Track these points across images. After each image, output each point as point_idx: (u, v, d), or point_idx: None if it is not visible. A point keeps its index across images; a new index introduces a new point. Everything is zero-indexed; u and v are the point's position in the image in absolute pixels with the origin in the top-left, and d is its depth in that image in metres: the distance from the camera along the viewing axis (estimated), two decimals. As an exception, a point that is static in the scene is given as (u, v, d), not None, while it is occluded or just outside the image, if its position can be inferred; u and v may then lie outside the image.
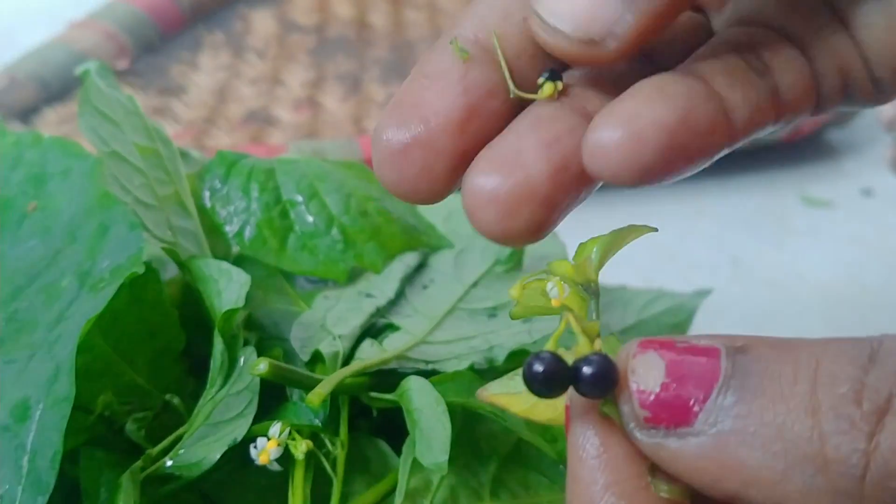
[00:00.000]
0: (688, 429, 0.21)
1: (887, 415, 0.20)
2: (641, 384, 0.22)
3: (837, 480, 0.20)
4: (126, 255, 0.39)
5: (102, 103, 0.44)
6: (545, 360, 0.23)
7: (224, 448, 0.37)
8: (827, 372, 0.21)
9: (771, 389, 0.21)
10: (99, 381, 0.40)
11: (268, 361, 0.36)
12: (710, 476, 0.21)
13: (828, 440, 0.20)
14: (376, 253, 0.48)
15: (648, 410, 0.22)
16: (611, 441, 0.23)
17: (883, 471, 0.20)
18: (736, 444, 0.21)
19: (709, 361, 0.22)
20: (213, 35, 0.95)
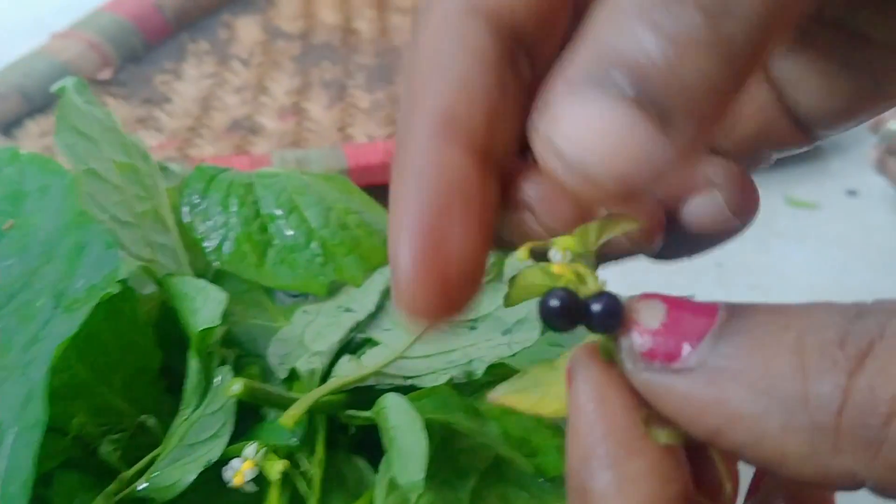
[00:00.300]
0: (680, 365, 0.22)
1: (868, 357, 0.21)
2: (642, 322, 0.23)
3: (816, 416, 0.21)
4: (101, 275, 0.38)
5: (79, 120, 0.44)
6: (559, 295, 0.24)
7: (199, 470, 0.37)
8: (815, 320, 0.22)
9: (762, 334, 0.22)
10: (74, 402, 0.39)
11: (242, 382, 0.36)
12: (697, 411, 0.22)
13: (810, 378, 0.21)
14: (356, 266, 0.48)
15: (645, 345, 0.23)
16: (609, 394, 0.24)
17: (860, 407, 0.20)
18: (723, 381, 0.22)
19: (707, 312, 0.23)
20: (197, 44, 0.95)
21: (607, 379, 0.24)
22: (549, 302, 0.24)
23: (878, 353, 0.21)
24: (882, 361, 0.20)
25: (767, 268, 0.80)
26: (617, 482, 0.23)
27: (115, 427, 0.40)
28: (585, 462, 0.23)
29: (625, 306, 0.24)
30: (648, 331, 0.23)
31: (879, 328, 0.21)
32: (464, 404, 0.41)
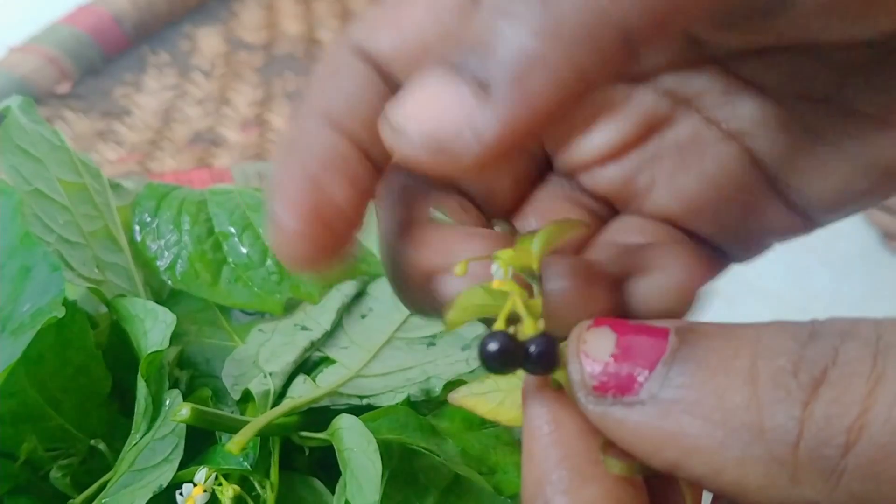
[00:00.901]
0: (633, 397, 0.22)
1: (822, 385, 0.20)
2: (592, 354, 0.23)
3: (773, 447, 0.20)
4: (47, 298, 0.38)
5: (24, 140, 0.43)
6: (498, 339, 0.24)
7: (149, 495, 0.36)
8: (767, 346, 0.21)
9: (714, 362, 0.22)
10: (23, 426, 0.39)
11: (190, 407, 0.36)
12: (653, 444, 0.22)
13: (765, 408, 0.21)
14: (312, 283, 0.48)
15: (596, 379, 0.22)
16: (563, 418, 0.24)
17: (816, 438, 0.20)
18: (677, 413, 0.21)
19: (657, 338, 0.22)
20: (157, 55, 0.94)
21: (561, 403, 0.24)
22: (489, 346, 0.23)
23: (832, 380, 0.20)
24: (837, 390, 0.20)
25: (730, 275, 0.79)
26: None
27: (66, 452, 0.39)
28: (540, 487, 0.23)
29: (571, 339, 0.23)
30: (598, 362, 0.23)
31: (833, 352, 0.21)
32: (421, 423, 0.40)
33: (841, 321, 0.22)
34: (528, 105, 0.22)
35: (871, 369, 0.20)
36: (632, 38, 0.22)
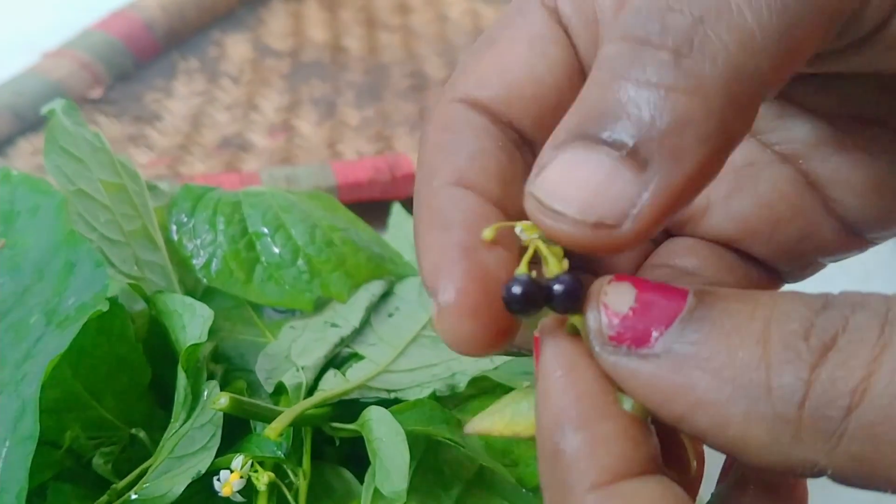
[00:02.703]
0: (647, 350, 0.23)
1: (831, 350, 0.21)
2: (611, 305, 0.23)
3: (778, 406, 0.21)
4: (91, 293, 0.40)
5: (68, 142, 0.45)
6: (522, 282, 0.24)
7: (188, 481, 0.38)
8: (782, 311, 0.22)
9: (728, 322, 0.22)
10: (67, 415, 0.40)
11: (228, 396, 0.37)
12: (662, 396, 0.22)
13: (773, 368, 0.21)
14: (342, 282, 0.49)
15: (613, 329, 0.23)
16: (579, 361, 0.24)
17: (820, 399, 0.21)
18: (689, 368, 0.22)
19: (676, 297, 0.23)
20: (187, 61, 0.95)
21: (577, 347, 0.24)
22: (512, 289, 0.24)
23: (841, 346, 0.21)
24: (844, 355, 0.21)
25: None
26: (589, 442, 0.23)
27: (107, 440, 0.41)
28: (557, 424, 0.23)
29: (587, 285, 0.24)
30: (617, 314, 0.23)
31: (843, 321, 0.21)
32: (446, 416, 0.42)
33: (853, 294, 0.22)
34: (686, 173, 0.22)
35: (878, 337, 0.21)
36: (766, 87, 0.23)
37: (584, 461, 0.23)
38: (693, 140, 0.22)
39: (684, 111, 0.22)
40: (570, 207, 0.23)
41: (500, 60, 0.29)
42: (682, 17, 0.23)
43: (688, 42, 0.23)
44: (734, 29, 0.23)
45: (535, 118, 0.29)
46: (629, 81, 0.23)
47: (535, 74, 0.28)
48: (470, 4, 1.07)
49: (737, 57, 0.23)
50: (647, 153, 0.22)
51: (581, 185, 0.23)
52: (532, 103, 0.28)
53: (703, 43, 0.23)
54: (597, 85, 0.24)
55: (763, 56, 0.23)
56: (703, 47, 0.23)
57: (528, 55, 0.29)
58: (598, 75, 0.24)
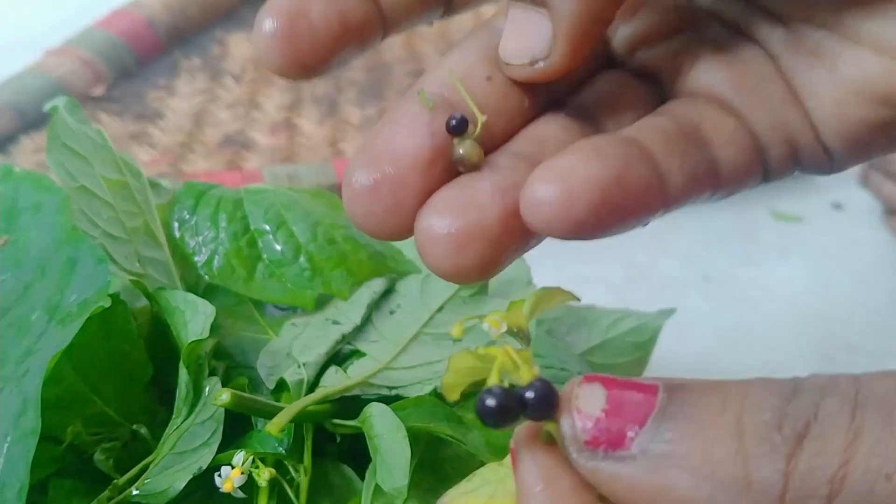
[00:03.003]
0: (624, 452, 0.23)
1: (805, 439, 0.21)
2: (583, 409, 0.23)
3: (759, 500, 0.21)
4: (93, 289, 0.40)
5: (70, 139, 0.45)
6: (494, 393, 0.24)
7: (189, 477, 0.38)
8: (752, 401, 0.22)
9: (701, 417, 0.22)
10: (68, 411, 0.40)
11: (230, 392, 0.37)
12: (643, 498, 0.23)
13: (751, 462, 0.21)
14: (343, 280, 0.49)
15: (588, 434, 0.23)
16: (556, 474, 0.24)
17: (801, 490, 0.21)
18: (667, 468, 0.22)
19: (647, 394, 0.23)
20: (189, 60, 0.96)
21: (554, 459, 0.24)
22: (486, 401, 0.24)
23: (815, 434, 0.21)
24: (819, 443, 0.21)
25: (754, 281, 0.81)
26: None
27: (109, 436, 0.41)
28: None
29: (560, 391, 0.24)
30: (590, 417, 0.23)
31: (814, 407, 0.22)
32: (448, 413, 0.42)
33: (821, 377, 0.23)
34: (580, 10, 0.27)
35: (850, 422, 0.21)
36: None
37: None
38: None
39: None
40: (516, 58, 0.29)
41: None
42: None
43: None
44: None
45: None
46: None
47: None
48: (472, 3, 1.07)
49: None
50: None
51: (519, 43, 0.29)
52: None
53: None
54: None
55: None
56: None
57: None
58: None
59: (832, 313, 0.75)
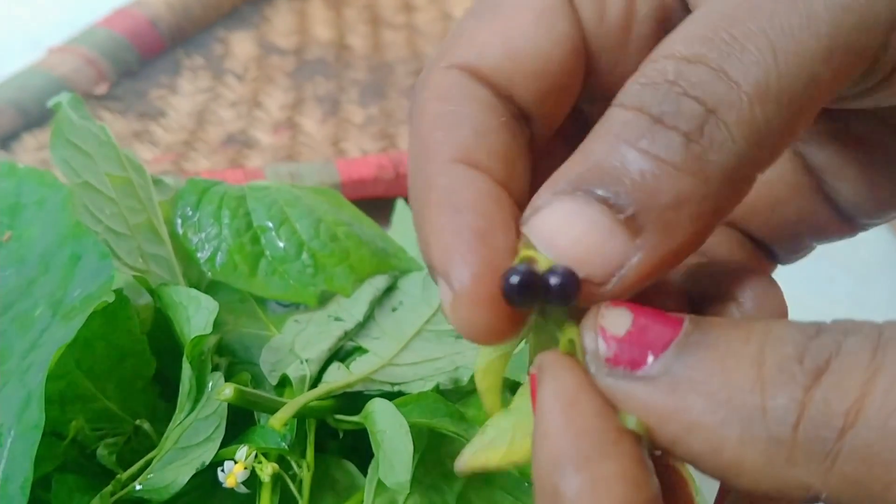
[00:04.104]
0: (643, 372, 0.23)
1: (825, 373, 0.21)
2: (608, 328, 0.24)
3: (773, 428, 0.21)
4: (97, 285, 0.40)
5: (74, 135, 0.45)
6: (519, 270, 0.24)
7: (192, 471, 0.38)
8: (776, 336, 0.22)
9: (723, 346, 0.23)
10: (71, 407, 0.41)
11: (233, 387, 0.37)
12: (657, 418, 0.23)
13: (768, 390, 0.22)
14: (346, 277, 0.49)
15: (611, 352, 0.23)
16: (580, 397, 0.24)
17: (815, 421, 0.21)
18: (684, 391, 0.22)
19: (672, 323, 0.23)
20: (192, 59, 0.96)
21: (577, 383, 0.24)
22: (510, 279, 0.24)
23: (834, 368, 0.21)
24: (838, 376, 0.21)
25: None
26: (590, 484, 0.23)
27: (112, 431, 0.41)
28: (556, 464, 0.23)
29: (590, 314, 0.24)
30: (614, 337, 0.23)
31: (836, 345, 0.22)
32: (450, 409, 0.42)
33: (845, 321, 0.22)
34: (676, 245, 0.24)
35: (871, 360, 0.21)
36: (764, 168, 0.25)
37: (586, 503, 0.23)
38: (687, 217, 0.24)
39: (685, 190, 0.24)
40: (560, 259, 0.24)
41: (505, 29, 0.28)
42: (696, 106, 0.24)
43: (698, 129, 0.24)
44: (743, 123, 0.24)
45: (537, 94, 0.28)
46: (636, 150, 0.24)
47: (541, 49, 0.28)
48: (474, 3, 1.07)
49: (742, 147, 0.24)
50: (643, 221, 0.23)
51: (574, 241, 0.24)
52: (535, 79, 0.28)
53: (713, 132, 0.24)
54: (602, 142, 0.24)
55: (766, 146, 0.24)
56: (712, 136, 0.24)
57: (535, 27, 0.28)
58: (605, 134, 0.25)
59: (833, 312, 0.75)
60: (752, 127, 0.24)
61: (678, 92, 0.24)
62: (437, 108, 0.28)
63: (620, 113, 0.25)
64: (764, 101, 0.24)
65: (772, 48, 0.24)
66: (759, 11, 0.24)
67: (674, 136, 0.24)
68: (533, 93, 0.28)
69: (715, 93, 0.24)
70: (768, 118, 0.24)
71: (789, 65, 0.24)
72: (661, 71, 0.25)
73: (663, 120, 0.24)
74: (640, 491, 0.23)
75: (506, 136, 0.28)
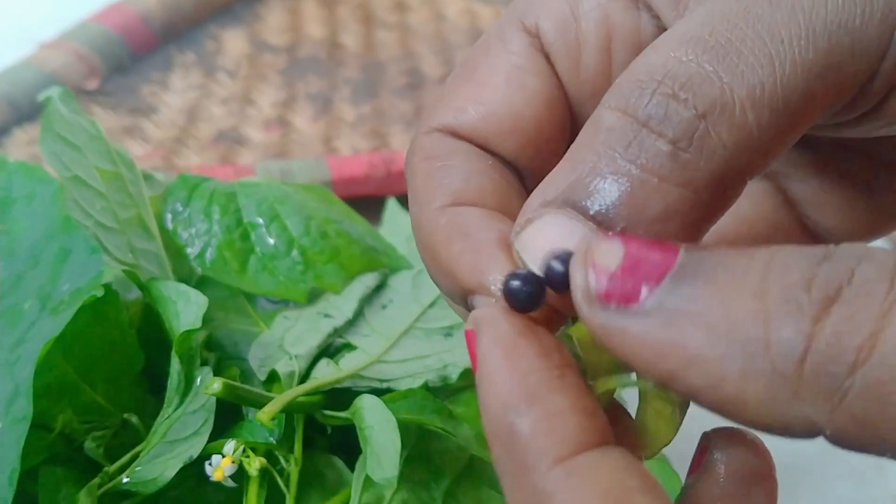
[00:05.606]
0: (637, 307, 0.22)
1: (835, 303, 0.20)
2: (599, 263, 0.23)
3: (777, 361, 0.20)
4: (86, 279, 0.40)
5: (65, 129, 0.45)
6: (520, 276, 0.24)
7: (180, 465, 0.38)
8: (780, 262, 0.21)
9: (723, 276, 0.21)
10: (59, 399, 0.40)
11: (221, 381, 0.38)
12: (653, 353, 0.22)
13: (772, 322, 0.20)
14: (336, 274, 0.49)
15: (602, 286, 0.22)
16: (519, 342, 0.24)
17: (823, 355, 0.20)
18: (681, 324, 0.21)
19: (667, 252, 0.22)
20: (184, 55, 0.96)
21: (513, 329, 0.24)
22: (512, 284, 0.24)
23: (847, 299, 0.20)
24: (850, 308, 0.20)
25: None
26: (544, 418, 0.22)
27: (99, 424, 0.41)
28: (507, 406, 0.23)
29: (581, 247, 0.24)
30: (605, 272, 0.22)
31: (848, 273, 0.20)
32: (438, 406, 0.42)
33: (857, 245, 0.21)
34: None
35: (888, 291, 0.20)
36: (753, 174, 0.24)
37: (542, 437, 0.22)
38: (678, 227, 0.24)
39: (673, 202, 0.23)
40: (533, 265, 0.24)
41: (479, 93, 0.29)
42: (686, 110, 0.23)
43: (688, 137, 0.23)
44: (735, 128, 0.23)
45: (516, 149, 0.29)
46: (625, 159, 0.24)
47: (513, 108, 0.29)
48: (467, 3, 1.08)
49: (733, 154, 0.23)
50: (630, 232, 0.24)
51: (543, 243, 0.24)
52: (511, 136, 0.29)
53: (703, 139, 0.23)
54: (589, 150, 0.25)
55: (757, 152, 0.24)
56: (702, 143, 0.23)
57: (505, 88, 0.29)
58: (592, 140, 0.25)
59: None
60: (744, 133, 0.23)
61: (666, 93, 0.24)
62: (427, 167, 0.29)
63: (607, 115, 0.25)
64: (758, 107, 0.23)
65: (769, 55, 0.23)
66: (757, 18, 0.24)
67: (661, 144, 0.23)
68: (513, 149, 0.29)
69: (706, 95, 0.23)
70: (761, 125, 0.23)
71: (787, 74, 0.23)
72: (650, 69, 0.24)
73: (650, 125, 0.24)
74: (592, 419, 0.23)
75: (495, 174, 0.29)
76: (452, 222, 0.27)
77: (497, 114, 0.29)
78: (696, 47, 0.24)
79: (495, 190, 0.28)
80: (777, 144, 0.24)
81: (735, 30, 0.24)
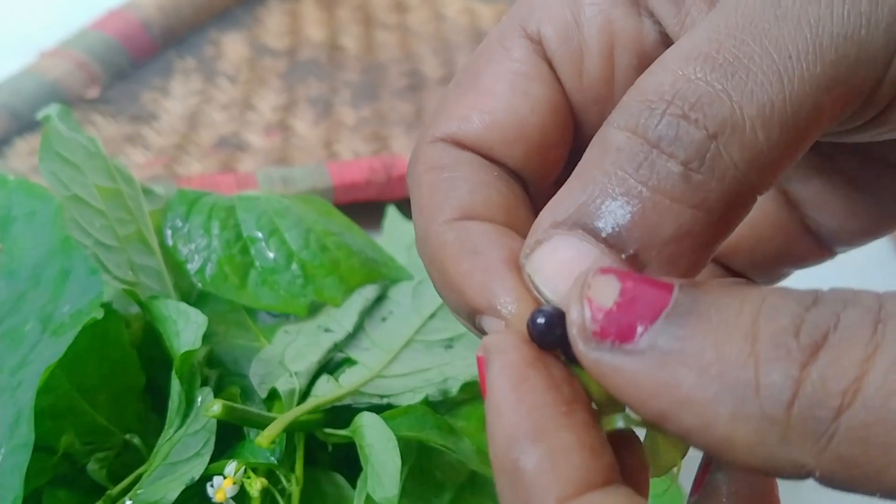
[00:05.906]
0: (631, 346, 0.22)
1: (822, 348, 0.20)
2: (595, 299, 0.23)
3: (766, 405, 0.21)
4: (86, 300, 0.40)
5: (63, 148, 0.45)
6: (544, 312, 0.24)
7: (182, 487, 0.38)
8: (771, 306, 0.21)
9: (715, 317, 0.22)
10: (62, 421, 0.41)
11: (221, 403, 0.38)
12: (645, 393, 0.22)
13: (762, 366, 0.21)
14: (336, 287, 0.49)
15: (597, 324, 0.22)
16: (529, 373, 0.24)
17: (810, 399, 0.20)
18: (674, 364, 0.22)
19: (662, 291, 0.23)
20: (184, 61, 0.96)
21: (523, 359, 0.24)
22: (537, 320, 0.24)
23: (832, 344, 0.20)
24: (835, 353, 0.20)
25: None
26: (549, 455, 0.22)
27: (102, 445, 0.41)
28: (512, 440, 0.23)
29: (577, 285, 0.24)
30: (601, 308, 0.23)
31: (834, 318, 0.21)
32: (439, 422, 0.42)
33: (844, 290, 0.21)
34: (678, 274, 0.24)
35: (871, 336, 0.20)
36: (763, 191, 0.24)
37: (546, 475, 0.22)
38: (690, 248, 0.24)
39: (686, 223, 0.23)
40: (560, 300, 0.24)
41: (482, 101, 0.29)
42: (697, 131, 0.23)
43: (699, 158, 0.23)
44: (746, 147, 0.23)
45: (522, 157, 0.29)
46: (636, 181, 0.24)
47: (518, 116, 0.29)
48: (467, 3, 1.07)
49: (744, 173, 0.23)
50: (646, 259, 0.24)
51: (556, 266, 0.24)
52: (516, 144, 0.29)
53: (714, 160, 0.23)
54: (599, 170, 0.24)
55: (768, 169, 0.24)
56: (714, 164, 0.23)
57: (510, 96, 0.29)
58: (602, 160, 0.24)
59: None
60: (755, 152, 0.23)
61: (676, 114, 0.24)
62: (432, 178, 0.29)
63: (616, 135, 0.24)
64: (768, 126, 0.23)
65: (778, 71, 0.23)
66: (764, 33, 0.24)
67: (672, 165, 0.23)
68: (518, 157, 0.29)
69: (717, 116, 0.23)
70: (771, 143, 0.23)
71: (795, 90, 0.23)
72: (658, 88, 0.24)
73: (661, 146, 0.24)
74: (597, 458, 0.23)
75: (501, 186, 0.28)
76: (460, 238, 0.27)
77: (502, 122, 0.29)
78: (705, 65, 0.24)
79: (502, 202, 0.28)
80: (787, 159, 0.24)
81: (742, 46, 0.24)
